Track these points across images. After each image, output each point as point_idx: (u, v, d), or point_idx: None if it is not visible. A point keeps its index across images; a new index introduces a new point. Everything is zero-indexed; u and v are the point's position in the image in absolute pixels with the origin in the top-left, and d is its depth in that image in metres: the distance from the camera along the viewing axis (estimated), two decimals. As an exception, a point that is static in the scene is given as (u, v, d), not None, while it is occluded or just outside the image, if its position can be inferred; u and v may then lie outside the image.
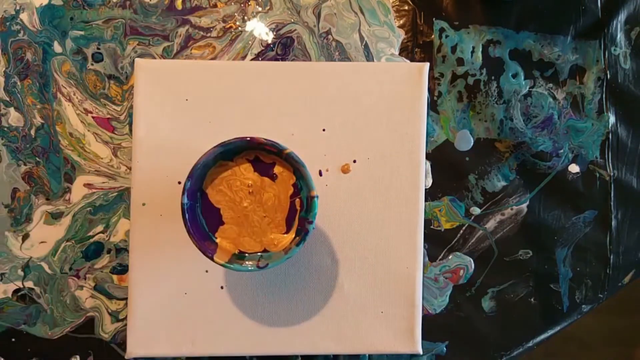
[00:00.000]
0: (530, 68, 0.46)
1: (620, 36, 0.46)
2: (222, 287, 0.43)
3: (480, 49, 0.46)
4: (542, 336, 0.46)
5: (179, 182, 0.42)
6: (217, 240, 0.38)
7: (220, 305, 0.43)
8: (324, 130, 0.43)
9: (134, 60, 0.44)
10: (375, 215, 0.43)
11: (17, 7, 0.45)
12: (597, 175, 0.46)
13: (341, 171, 0.43)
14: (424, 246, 0.45)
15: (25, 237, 0.44)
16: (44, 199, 0.44)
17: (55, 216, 0.44)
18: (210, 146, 0.36)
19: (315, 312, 0.43)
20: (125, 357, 0.42)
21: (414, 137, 0.43)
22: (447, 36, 0.46)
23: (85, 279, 0.44)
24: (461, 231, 0.45)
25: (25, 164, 0.45)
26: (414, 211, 0.43)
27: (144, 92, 0.43)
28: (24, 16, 0.45)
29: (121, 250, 0.44)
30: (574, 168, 0.46)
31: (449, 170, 0.45)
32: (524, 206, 0.45)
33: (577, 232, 0.46)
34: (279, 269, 0.43)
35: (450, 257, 0.45)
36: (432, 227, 0.45)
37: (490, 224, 0.45)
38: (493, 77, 0.46)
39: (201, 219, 0.38)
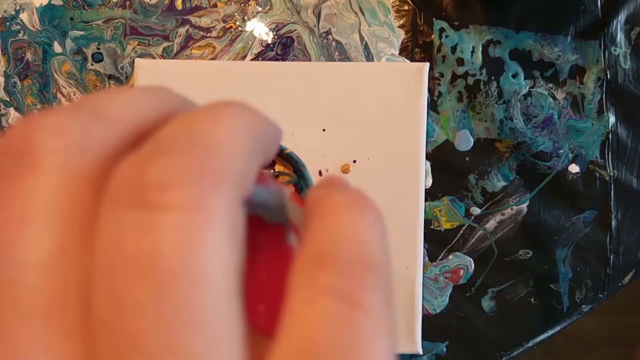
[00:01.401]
0: (530, 68, 0.46)
1: (620, 36, 0.46)
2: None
3: (480, 49, 0.46)
4: (542, 336, 0.46)
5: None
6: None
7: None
8: (324, 130, 0.43)
9: (134, 60, 0.44)
10: (375, 215, 0.43)
11: (17, 7, 0.45)
12: (597, 175, 0.46)
13: (341, 171, 0.43)
14: (424, 246, 0.45)
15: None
16: (44, 199, 0.44)
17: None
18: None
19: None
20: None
21: (414, 137, 0.43)
22: (447, 36, 0.46)
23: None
24: (461, 231, 0.45)
25: (25, 164, 0.45)
26: (414, 211, 0.43)
27: (144, 92, 0.43)
28: (24, 16, 0.45)
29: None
30: (574, 168, 0.46)
31: (449, 170, 0.45)
32: (524, 206, 0.45)
33: (577, 232, 0.46)
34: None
35: (450, 257, 0.45)
36: (432, 227, 0.45)
37: (490, 224, 0.45)
38: (493, 77, 0.46)
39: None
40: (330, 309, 0.10)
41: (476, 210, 0.45)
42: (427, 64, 0.43)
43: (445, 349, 0.45)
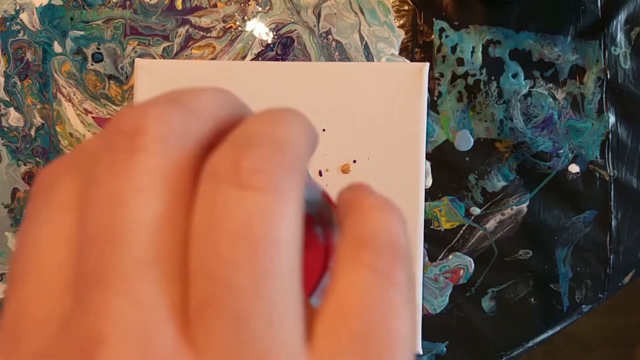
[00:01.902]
0: (530, 68, 0.46)
1: (620, 36, 0.46)
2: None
3: (480, 49, 0.46)
4: (542, 336, 0.46)
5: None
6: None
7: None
8: (324, 130, 0.43)
9: (134, 60, 0.44)
10: (375, 215, 0.43)
11: (17, 7, 0.45)
12: (597, 175, 0.46)
13: (341, 171, 0.43)
14: (424, 246, 0.45)
15: (25, 237, 0.44)
16: (44, 199, 0.44)
17: (55, 216, 0.44)
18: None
19: (315, 312, 0.43)
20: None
21: (414, 137, 0.43)
22: (447, 36, 0.46)
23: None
24: (461, 231, 0.45)
25: (25, 164, 0.45)
26: (414, 211, 0.43)
27: (144, 92, 0.43)
28: (24, 16, 0.45)
29: (121, 250, 0.44)
30: (574, 168, 0.46)
31: (449, 170, 0.45)
32: (524, 206, 0.45)
33: (577, 232, 0.46)
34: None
35: (450, 257, 0.45)
36: (432, 227, 0.45)
37: (490, 224, 0.45)
38: (493, 77, 0.46)
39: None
40: (370, 279, 0.13)
41: (476, 210, 0.45)
42: (427, 64, 0.43)
43: (445, 349, 0.45)
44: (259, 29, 0.45)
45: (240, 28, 0.46)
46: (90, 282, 0.11)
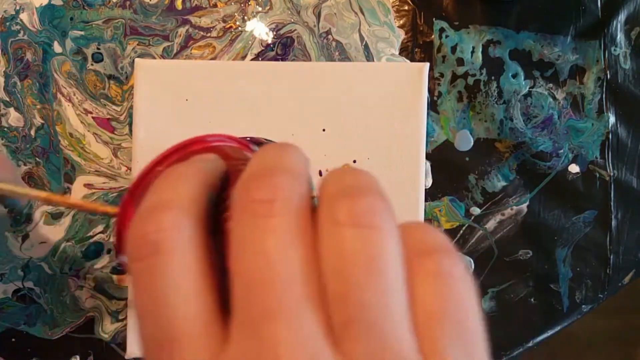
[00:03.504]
0: (530, 68, 0.46)
1: (620, 36, 0.46)
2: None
3: (480, 49, 0.46)
4: (542, 336, 0.46)
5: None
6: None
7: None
8: (324, 130, 0.43)
9: (134, 60, 0.44)
10: (375, 215, 0.43)
11: (17, 7, 0.45)
12: (597, 175, 0.46)
13: (341, 171, 0.43)
14: (424, 246, 0.45)
15: (25, 237, 0.44)
16: (44, 199, 0.44)
17: (55, 216, 0.44)
18: (210, 146, 0.36)
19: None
20: (125, 357, 0.42)
21: (414, 137, 0.43)
22: (447, 36, 0.46)
23: (85, 279, 0.44)
24: (461, 231, 0.45)
25: (25, 164, 0.45)
26: (414, 211, 0.43)
27: (144, 92, 0.43)
28: (24, 16, 0.45)
29: (121, 250, 0.44)
30: (574, 168, 0.46)
31: (449, 170, 0.45)
32: (524, 206, 0.45)
33: (577, 232, 0.46)
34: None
35: (450, 257, 0.45)
36: (432, 227, 0.45)
37: (490, 224, 0.45)
38: (493, 77, 0.46)
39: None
40: (353, 233, 0.15)
41: (476, 210, 0.45)
42: (427, 64, 0.43)
43: (445, 349, 0.45)
44: (259, 29, 0.45)
45: (240, 28, 0.46)
46: (259, 318, 0.14)
